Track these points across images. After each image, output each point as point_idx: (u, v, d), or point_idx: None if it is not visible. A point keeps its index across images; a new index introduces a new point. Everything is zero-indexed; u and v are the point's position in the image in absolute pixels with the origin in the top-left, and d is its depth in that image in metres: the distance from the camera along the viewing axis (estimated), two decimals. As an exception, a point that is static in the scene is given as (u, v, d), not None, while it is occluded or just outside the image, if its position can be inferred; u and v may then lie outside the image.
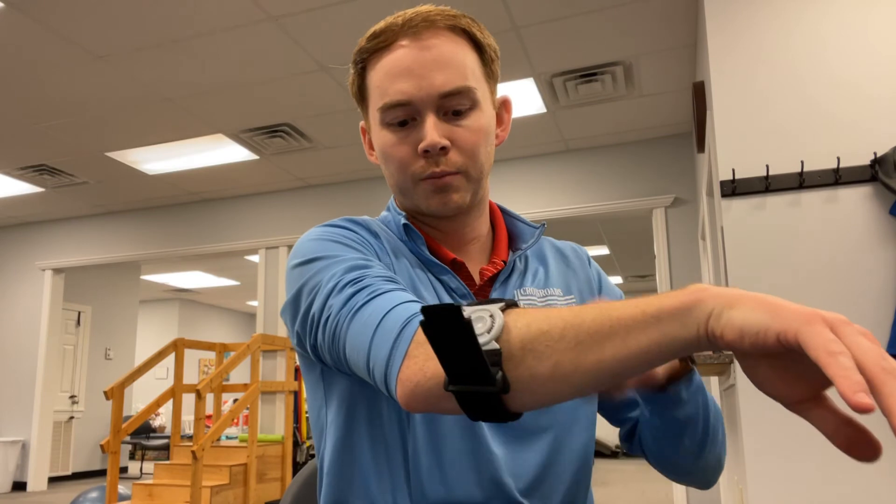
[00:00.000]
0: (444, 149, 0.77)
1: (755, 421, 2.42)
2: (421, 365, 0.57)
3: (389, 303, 0.65)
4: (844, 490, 2.30)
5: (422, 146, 0.76)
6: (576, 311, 0.52)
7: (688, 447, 0.82)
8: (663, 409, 0.80)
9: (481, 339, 0.52)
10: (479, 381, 0.52)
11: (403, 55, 0.77)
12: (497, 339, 0.53)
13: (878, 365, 0.38)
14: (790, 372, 0.46)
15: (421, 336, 0.58)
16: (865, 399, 0.36)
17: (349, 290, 0.68)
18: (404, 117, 0.78)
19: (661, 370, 0.74)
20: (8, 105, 4.45)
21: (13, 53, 3.81)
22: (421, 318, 0.56)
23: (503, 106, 0.88)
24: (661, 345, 0.48)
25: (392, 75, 0.78)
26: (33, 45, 3.74)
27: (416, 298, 0.67)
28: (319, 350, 0.73)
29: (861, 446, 0.42)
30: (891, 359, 0.39)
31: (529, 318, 0.54)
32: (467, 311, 0.55)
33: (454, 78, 0.77)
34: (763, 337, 0.43)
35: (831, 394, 0.43)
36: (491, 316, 0.54)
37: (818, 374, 0.41)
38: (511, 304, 0.57)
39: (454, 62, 0.78)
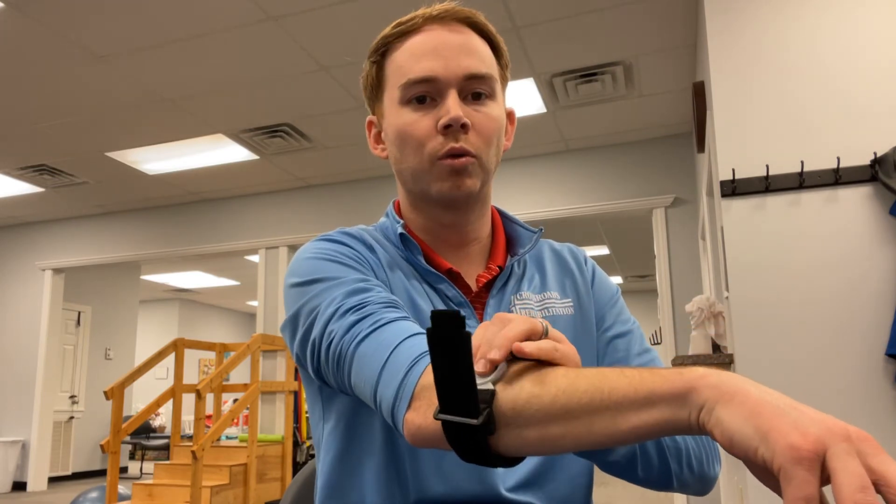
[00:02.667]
0: (464, 126, 0.77)
1: (755, 421, 2.42)
2: (425, 410, 0.58)
3: (396, 336, 0.65)
4: (844, 490, 2.29)
5: (444, 120, 0.77)
6: (571, 376, 0.52)
7: (645, 478, 0.76)
8: (591, 454, 0.73)
9: (479, 381, 0.53)
10: (465, 411, 0.52)
11: (431, 37, 0.79)
12: (494, 383, 0.54)
13: (851, 499, 0.37)
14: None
15: (426, 379, 0.59)
16: None
17: (351, 318, 0.68)
18: (425, 94, 0.79)
19: None
20: (8, 105, 4.45)
21: (13, 53, 3.81)
22: (423, 358, 0.60)
23: (508, 117, 0.88)
24: (651, 426, 0.48)
25: (418, 55, 0.79)
26: (33, 45, 3.74)
27: (420, 329, 0.67)
28: (323, 374, 0.74)
29: None
30: (872, 490, 0.37)
31: (524, 381, 0.54)
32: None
33: (479, 63, 0.79)
34: (752, 455, 0.42)
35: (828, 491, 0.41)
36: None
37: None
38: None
39: (479, 51, 0.80)
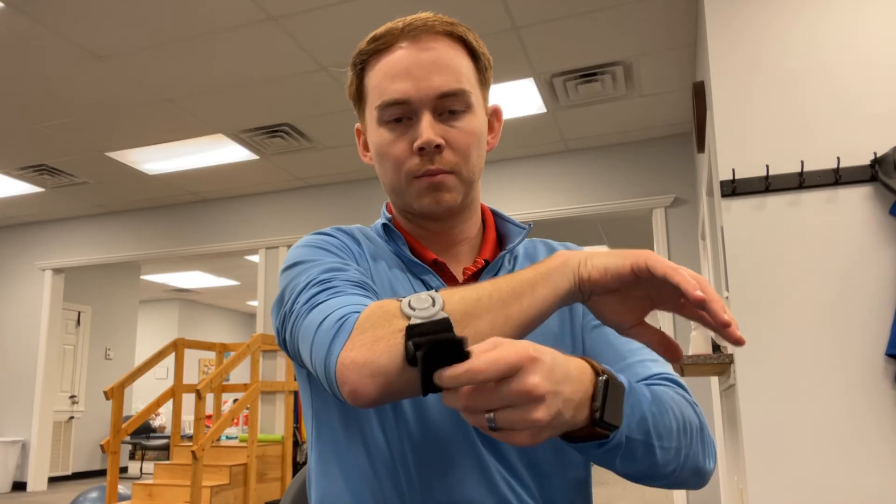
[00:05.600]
0: (438, 147, 0.79)
1: (755, 421, 2.42)
2: (370, 343, 0.60)
3: (340, 304, 0.67)
4: (844, 489, 2.30)
5: (417, 143, 0.79)
6: (492, 281, 0.65)
7: (627, 473, 0.68)
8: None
9: (430, 312, 0.59)
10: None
11: (402, 56, 0.80)
12: (443, 310, 0.60)
13: (695, 277, 0.59)
14: (627, 304, 0.65)
15: (363, 322, 0.62)
16: (701, 294, 0.57)
17: (315, 289, 0.71)
18: (401, 115, 0.80)
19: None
20: (8, 105, 4.45)
21: (13, 53, 3.81)
22: (357, 314, 0.64)
23: (494, 115, 0.90)
24: (554, 293, 0.64)
25: (391, 76, 0.80)
26: (33, 45, 3.74)
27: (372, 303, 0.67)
28: (288, 346, 0.75)
29: (671, 351, 0.65)
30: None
31: (461, 293, 0.63)
32: (406, 299, 0.61)
33: (451, 80, 0.80)
34: (622, 270, 0.61)
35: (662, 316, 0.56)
36: (431, 297, 0.61)
37: (643, 305, 0.64)
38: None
39: (451, 66, 0.81)
